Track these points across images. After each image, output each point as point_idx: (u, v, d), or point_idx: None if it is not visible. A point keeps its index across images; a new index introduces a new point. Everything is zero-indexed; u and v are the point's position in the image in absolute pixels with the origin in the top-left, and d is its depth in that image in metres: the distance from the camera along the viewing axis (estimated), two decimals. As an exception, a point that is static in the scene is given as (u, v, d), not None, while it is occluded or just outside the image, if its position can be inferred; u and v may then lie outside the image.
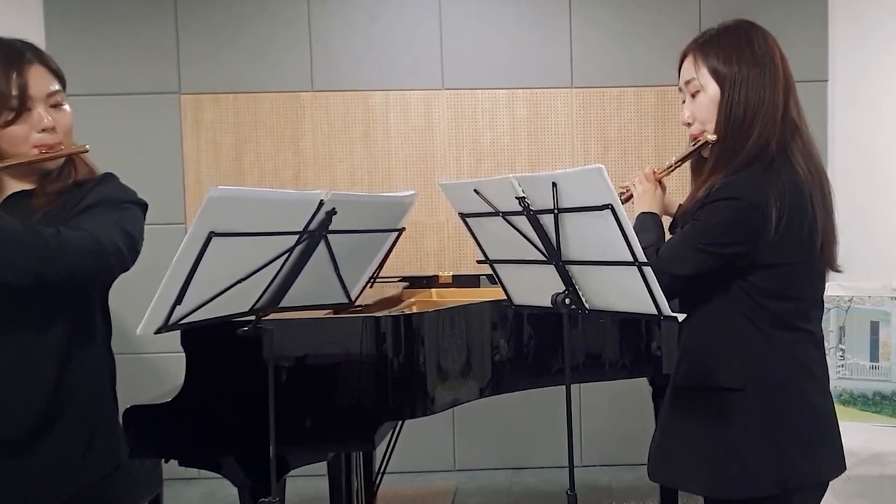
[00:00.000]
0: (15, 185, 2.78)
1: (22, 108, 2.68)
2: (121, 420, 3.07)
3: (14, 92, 2.66)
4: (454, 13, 6.89)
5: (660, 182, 3.21)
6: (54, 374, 2.70)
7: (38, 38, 6.40)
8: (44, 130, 2.71)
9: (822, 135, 6.71)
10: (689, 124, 2.97)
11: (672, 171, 3.16)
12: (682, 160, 3.07)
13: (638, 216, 3.08)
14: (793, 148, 2.84)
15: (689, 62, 2.95)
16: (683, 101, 2.98)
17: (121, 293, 3.13)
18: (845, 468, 2.95)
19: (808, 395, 2.86)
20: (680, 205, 3.07)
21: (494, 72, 6.92)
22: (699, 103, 2.90)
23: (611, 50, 6.92)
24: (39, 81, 2.73)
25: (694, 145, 2.96)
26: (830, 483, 2.97)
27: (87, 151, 2.81)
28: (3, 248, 2.44)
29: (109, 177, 2.88)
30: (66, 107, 2.81)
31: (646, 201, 3.13)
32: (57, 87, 2.79)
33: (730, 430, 2.84)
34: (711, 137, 2.87)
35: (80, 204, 2.71)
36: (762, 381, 2.82)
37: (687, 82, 2.94)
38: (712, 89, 2.88)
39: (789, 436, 2.81)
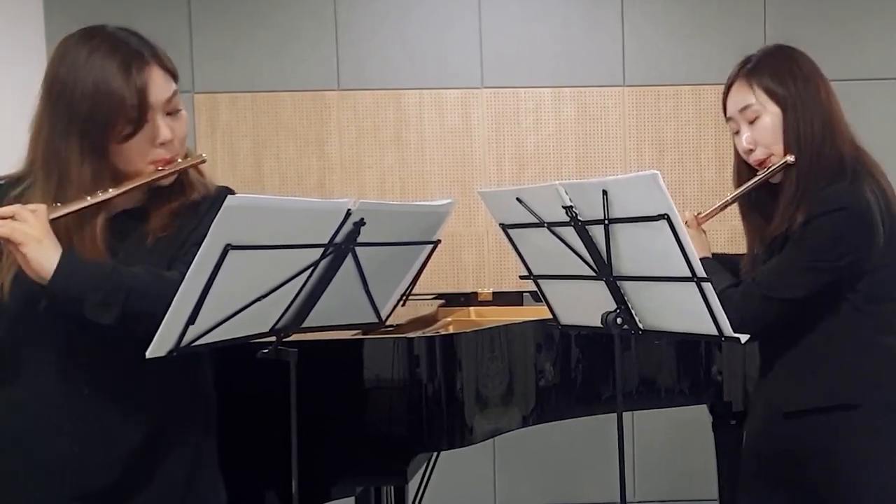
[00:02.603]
0: (123, 202, 2.68)
1: (141, 119, 2.57)
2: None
3: (134, 101, 2.55)
4: (495, 4, 6.89)
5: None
6: (150, 415, 2.70)
7: (37, 33, 6.46)
8: (162, 144, 2.63)
9: (894, 137, 6.65)
10: (750, 151, 3.08)
11: (722, 210, 3.28)
12: (744, 193, 3.19)
13: None
14: (860, 156, 3.05)
15: (741, 89, 3.15)
16: (736, 132, 3.13)
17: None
18: None
19: None
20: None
21: (539, 69, 6.91)
22: (761, 127, 3.09)
23: (667, 45, 6.91)
24: (158, 88, 2.62)
25: (766, 170, 3.10)
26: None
27: (204, 162, 2.73)
28: (132, 304, 2.43)
29: (227, 193, 2.85)
30: (182, 110, 2.72)
31: (696, 248, 3.21)
32: (174, 88, 2.69)
33: (854, 449, 2.98)
34: (791, 159, 3.03)
35: (196, 231, 2.63)
36: (877, 393, 3.00)
37: (742, 109, 3.14)
38: (773, 111, 3.08)
39: None
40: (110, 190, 2.54)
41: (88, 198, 2.51)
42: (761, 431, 3.17)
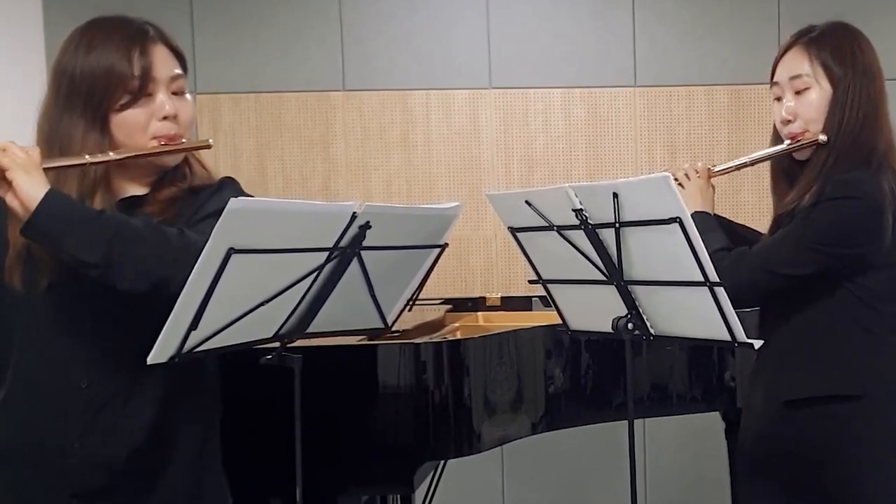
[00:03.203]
0: (128, 188, 2.72)
1: (142, 91, 2.62)
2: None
3: (136, 72, 2.60)
4: (503, 3, 6.86)
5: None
6: (150, 414, 2.71)
7: (37, 33, 6.46)
8: (165, 118, 2.67)
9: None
10: (788, 122, 3.04)
11: (737, 169, 3.25)
12: (765, 158, 3.16)
13: (692, 215, 3.14)
14: (890, 152, 3.01)
15: (799, 56, 3.10)
16: (778, 99, 3.07)
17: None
18: None
19: None
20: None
21: (548, 69, 6.90)
22: (807, 101, 3.04)
23: (679, 45, 6.89)
24: (163, 63, 2.69)
25: (794, 142, 3.07)
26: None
27: (210, 147, 2.81)
28: (121, 245, 2.39)
29: (230, 182, 2.89)
30: (188, 95, 2.78)
31: (699, 199, 3.21)
32: (179, 70, 2.76)
33: (854, 439, 2.97)
34: (823, 138, 3.01)
35: (198, 213, 2.68)
36: (881, 388, 2.98)
37: (793, 77, 3.09)
38: (825, 88, 3.04)
39: None
40: (111, 153, 2.56)
41: (87, 156, 2.52)
42: (761, 422, 3.15)
